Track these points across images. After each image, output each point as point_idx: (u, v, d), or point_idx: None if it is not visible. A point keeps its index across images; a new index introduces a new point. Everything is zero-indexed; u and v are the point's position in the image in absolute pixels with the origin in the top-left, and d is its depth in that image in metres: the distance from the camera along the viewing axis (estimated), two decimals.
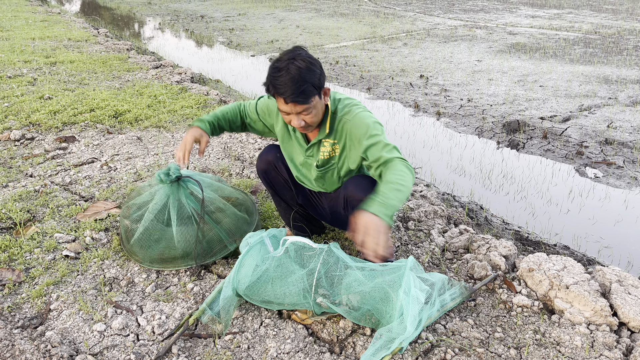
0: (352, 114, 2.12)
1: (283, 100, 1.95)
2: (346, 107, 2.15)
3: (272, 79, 1.94)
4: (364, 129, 2.07)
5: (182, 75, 6.60)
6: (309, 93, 1.94)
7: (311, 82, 1.93)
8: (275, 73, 1.93)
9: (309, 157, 2.27)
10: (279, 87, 1.92)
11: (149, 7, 17.07)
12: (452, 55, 8.71)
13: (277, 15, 14.13)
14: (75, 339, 1.99)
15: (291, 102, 1.94)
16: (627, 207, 3.60)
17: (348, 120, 2.11)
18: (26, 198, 3.12)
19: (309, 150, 2.26)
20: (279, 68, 1.93)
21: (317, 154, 2.25)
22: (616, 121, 5.14)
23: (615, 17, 13.41)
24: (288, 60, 1.93)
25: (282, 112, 2.03)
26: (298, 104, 1.94)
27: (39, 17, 12.41)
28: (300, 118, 2.01)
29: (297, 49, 2.00)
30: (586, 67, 7.62)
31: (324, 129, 2.17)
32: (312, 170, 2.30)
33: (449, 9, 15.53)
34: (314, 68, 1.95)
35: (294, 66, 1.91)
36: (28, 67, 6.72)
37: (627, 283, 2.22)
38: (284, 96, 1.92)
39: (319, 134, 2.19)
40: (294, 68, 1.90)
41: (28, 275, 2.37)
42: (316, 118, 2.05)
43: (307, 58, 1.95)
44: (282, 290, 2.02)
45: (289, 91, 1.90)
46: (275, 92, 1.95)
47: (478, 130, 5.10)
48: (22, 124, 4.43)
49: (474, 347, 1.96)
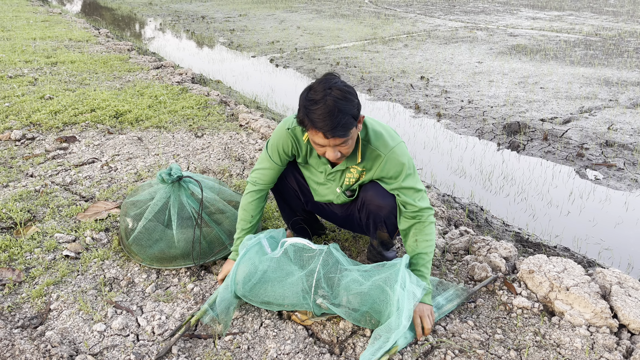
0: (387, 148, 2.03)
1: (322, 135, 1.82)
2: (380, 138, 2.05)
3: (308, 111, 1.80)
4: (399, 167, 2.02)
5: (183, 76, 6.61)
6: (348, 125, 1.81)
7: (350, 113, 1.81)
8: (312, 106, 1.79)
9: (330, 180, 2.21)
10: (317, 121, 1.78)
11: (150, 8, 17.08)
12: (453, 56, 8.72)
13: (278, 16, 14.14)
14: (75, 339, 1.99)
15: (332, 137, 1.81)
16: (627, 209, 3.60)
17: (383, 153, 2.03)
18: (27, 198, 3.12)
19: (331, 175, 2.19)
20: (315, 100, 1.79)
21: (340, 179, 2.18)
22: (617, 123, 5.14)
23: (616, 19, 13.41)
24: (324, 91, 1.79)
25: (316, 144, 1.90)
26: (338, 137, 1.82)
27: (40, 17, 12.43)
28: (336, 150, 1.90)
29: (330, 78, 1.86)
30: (587, 69, 7.62)
31: (354, 157, 2.07)
32: (335, 194, 2.24)
33: (450, 11, 15.54)
34: (351, 98, 1.83)
35: (331, 98, 1.77)
36: (29, 67, 6.73)
37: (627, 285, 2.22)
38: (323, 131, 1.79)
39: (346, 161, 2.10)
40: (330, 100, 1.77)
41: (28, 275, 2.37)
42: (351, 149, 1.96)
43: (343, 87, 1.82)
44: (281, 291, 2.02)
45: (328, 126, 1.77)
46: (313, 126, 1.81)
47: (478, 132, 5.11)
48: (22, 124, 4.44)
49: (474, 349, 1.96)
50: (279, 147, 2.18)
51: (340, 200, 2.26)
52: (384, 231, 2.22)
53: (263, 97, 6.43)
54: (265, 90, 6.80)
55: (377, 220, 2.17)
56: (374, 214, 2.16)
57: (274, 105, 6.15)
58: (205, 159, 3.83)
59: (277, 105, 6.13)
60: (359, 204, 2.23)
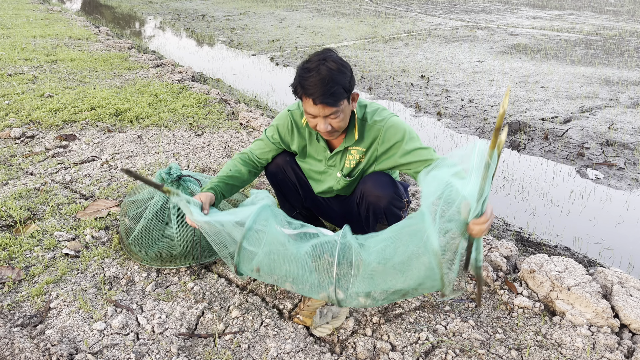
0: (385, 120, 2.08)
1: (312, 102, 1.89)
2: (376, 113, 2.11)
3: (302, 79, 1.89)
4: (400, 133, 2.05)
5: (183, 74, 6.60)
6: (339, 95, 1.88)
7: (341, 84, 1.88)
8: (305, 73, 1.88)
9: (331, 166, 2.23)
10: (308, 87, 1.87)
11: (150, 6, 17.06)
12: (453, 55, 8.71)
13: (278, 15, 14.12)
14: (75, 337, 1.98)
15: (320, 104, 1.88)
16: (628, 209, 3.59)
17: (382, 126, 2.07)
18: (26, 196, 3.12)
19: (332, 160, 2.21)
20: (309, 69, 1.88)
21: (340, 162, 2.20)
22: (617, 122, 5.14)
23: (617, 18, 13.40)
24: (318, 61, 1.89)
25: (309, 114, 1.97)
26: (327, 105, 1.89)
27: (40, 15, 12.41)
28: (327, 122, 1.96)
29: (327, 51, 1.95)
30: (587, 69, 7.61)
31: (351, 135, 2.11)
32: (335, 179, 2.26)
33: (451, 10, 15.53)
34: (344, 70, 1.90)
35: (325, 67, 1.86)
36: (29, 65, 6.72)
37: (628, 285, 2.21)
38: (313, 97, 1.87)
39: (344, 141, 2.13)
40: (324, 69, 1.86)
41: (28, 273, 2.36)
42: (343, 123, 2.00)
43: (338, 60, 1.91)
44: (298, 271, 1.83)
45: (319, 92, 1.85)
46: (304, 92, 1.89)
47: (479, 131, 5.10)
48: (22, 122, 4.43)
49: (475, 348, 1.96)
50: (278, 125, 2.26)
51: (340, 185, 2.27)
52: (384, 223, 2.21)
53: (263, 96, 6.42)
54: (266, 89, 6.79)
55: (377, 211, 2.16)
56: (374, 205, 2.15)
57: (274, 104, 6.14)
58: (205, 157, 3.82)
59: (278, 104, 6.12)
60: (357, 196, 2.23)
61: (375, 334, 2.03)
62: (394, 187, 2.13)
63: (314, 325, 2.04)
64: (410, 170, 2.09)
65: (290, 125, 2.23)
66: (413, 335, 2.02)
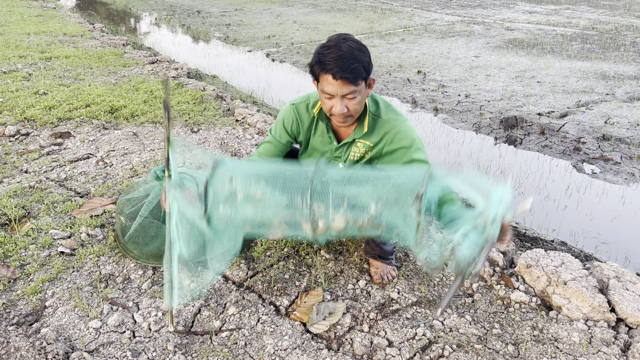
0: (399, 121, 2.07)
1: (331, 76, 1.84)
2: (390, 110, 2.10)
3: (321, 55, 1.86)
4: (409, 140, 2.04)
5: (179, 71, 6.57)
6: (359, 72, 1.85)
7: (362, 62, 1.85)
8: (325, 50, 1.86)
9: (336, 157, 2.21)
10: (328, 62, 1.83)
11: (145, 2, 16.97)
12: (450, 51, 8.69)
13: (274, 11, 14.07)
14: (71, 335, 1.97)
15: (340, 79, 1.83)
16: (624, 203, 3.60)
17: (395, 125, 2.05)
18: (21, 194, 3.10)
19: (338, 151, 2.19)
20: (329, 46, 1.87)
21: (345, 153, 2.18)
22: (613, 117, 5.14)
23: (613, 13, 13.40)
24: (338, 40, 1.88)
25: (326, 94, 1.90)
26: (347, 81, 1.83)
27: (34, 12, 12.33)
28: (343, 103, 1.90)
29: (345, 34, 1.94)
30: (584, 63, 7.61)
31: (361, 127, 2.09)
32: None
33: (447, 5, 15.50)
34: (364, 50, 1.90)
35: (346, 44, 1.85)
36: (23, 62, 6.68)
37: (625, 279, 2.21)
38: (333, 71, 1.82)
39: (354, 133, 2.11)
40: (345, 46, 1.85)
41: (23, 271, 2.35)
42: (359, 106, 1.95)
43: (357, 41, 1.91)
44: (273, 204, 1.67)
45: (339, 66, 1.81)
46: (323, 68, 1.85)
47: (476, 126, 5.10)
48: (17, 120, 4.40)
49: (472, 344, 1.96)
50: (283, 121, 2.23)
51: None
52: None
53: (259, 92, 6.40)
54: (262, 85, 6.76)
55: None
56: None
57: (270, 100, 6.12)
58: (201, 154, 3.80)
59: (274, 100, 6.10)
60: None
61: (372, 330, 2.03)
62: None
63: (310, 322, 2.04)
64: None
65: (295, 118, 2.21)
66: (410, 331, 2.02)
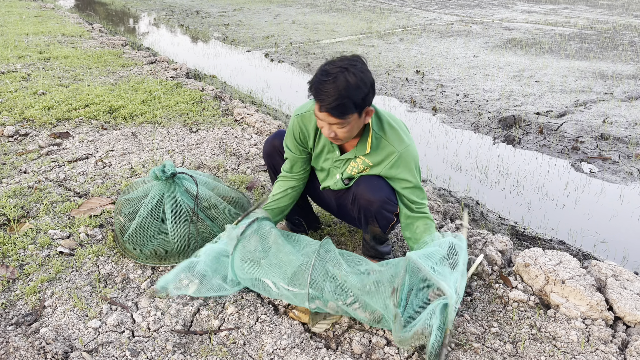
0: (402, 145, 2.08)
1: (319, 107, 1.88)
2: (394, 132, 2.09)
3: (318, 82, 1.86)
4: (411, 165, 2.09)
5: (178, 71, 6.57)
6: (347, 110, 1.85)
7: (354, 99, 1.84)
8: (323, 77, 1.84)
9: (336, 167, 2.24)
10: (320, 92, 1.84)
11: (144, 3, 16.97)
12: (448, 50, 8.70)
13: (273, 11, 14.07)
14: (70, 335, 1.97)
15: (326, 112, 1.87)
16: (622, 202, 3.61)
17: (397, 150, 2.07)
18: (20, 194, 3.10)
19: (338, 162, 2.21)
20: (329, 73, 1.84)
21: (344, 166, 2.20)
22: (612, 116, 5.15)
23: (611, 12, 13.42)
24: (340, 69, 1.84)
25: (317, 117, 1.96)
26: (332, 116, 1.87)
27: (33, 13, 12.32)
28: (331, 129, 1.95)
29: (354, 59, 1.90)
30: (582, 63, 7.62)
31: (363, 146, 2.10)
32: (334, 180, 2.26)
33: (445, 4, 15.51)
34: (362, 86, 1.85)
35: (343, 77, 1.82)
36: (22, 62, 6.67)
37: (622, 277, 2.22)
38: (321, 104, 1.86)
39: (355, 149, 2.13)
40: (342, 79, 1.82)
41: (22, 272, 2.36)
42: (348, 134, 1.98)
43: (359, 73, 1.85)
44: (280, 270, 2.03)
45: (327, 100, 1.83)
46: (315, 95, 1.87)
47: (474, 126, 5.10)
48: (15, 120, 4.40)
49: (470, 342, 1.96)
50: (292, 134, 2.26)
51: (337, 186, 2.28)
52: (376, 226, 2.21)
53: (258, 92, 6.40)
54: (261, 85, 6.77)
55: (368, 214, 2.17)
56: (365, 209, 2.15)
57: (269, 100, 6.13)
58: (200, 154, 3.81)
59: (272, 100, 6.11)
60: (351, 197, 2.23)
61: (370, 329, 2.03)
62: (387, 190, 2.12)
63: (312, 322, 2.04)
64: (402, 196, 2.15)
65: (300, 128, 2.22)
66: None
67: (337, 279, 1.96)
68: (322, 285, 1.95)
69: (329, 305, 1.96)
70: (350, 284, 1.93)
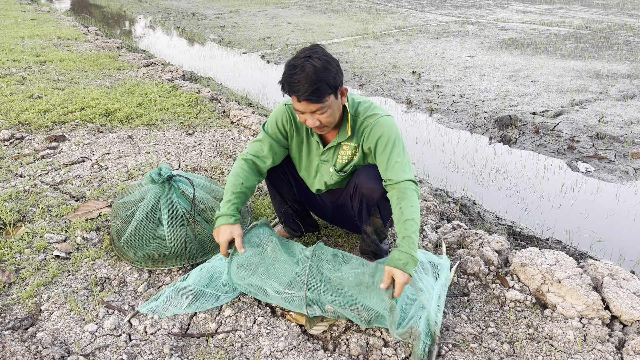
0: (375, 118, 2.09)
1: (297, 99, 1.92)
2: (368, 109, 2.13)
3: (287, 76, 1.92)
4: (385, 136, 2.06)
5: (174, 73, 6.56)
6: (323, 92, 1.91)
7: (326, 80, 1.90)
8: (291, 71, 1.91)
9: (324, 161, 2.24)
10: (293, 85, 1.90)
11: (140, 5, 16.95)
12: (444, 51, 8.72)
13: (269, 12, 14.08)
14: (67, 339, 1.97)
15: (304, 101, 1.91)
16: (618, 201, 3.62)
17: (369, 123, 2.09)
18: (16, 198, 3.09)
19: (325, 154, 2.22)
20: (295, 65, 1.91)
21: (333, 157, 2.22)
22: (607, 115, 5.17)
23: (606, 12, 13.47)
24: (304, 58, 1.91)
25: (297, 111, 2.00)
26: (311, 102, 1.91)
27: (28, 16, 12.30)
28: (314, 117, 1.98)
29: (314, 47, 1.97)
30: (577, 62, 7.65)
31: (344, 131, 2.14)
32: (328, 174, 2.26)
33: (441, 5, 15.54)
34: (329, 67, 1.92)
35: (310, 64, 1.88)
36: (17, 66, 6.66)
37: (618, 277, 2.23)
38: (297, 94, 1.90)
39: (338, 136, 2.16)
40: (309, 66, 1.88)
41: (18, 276, 2.35)
42: (332, 118, 2.02)
43: (323, 57, 1.93)
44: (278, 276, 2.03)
45: (302, 89, 1.88)
46: (290, 90, 1.92)
47: (470, 126, 5.11)
48: (11, 124, 4.39)
49: (468, 343, 1.96)
50: (277, 119, 2.25)
51: (333, 180, 2.27)
52: (377, 217, 2.21)
53: (254, 94, 6.40)
54: (257, 87, 6.77)
55: (370, 204, 2.17)
56: (367, 197, 2.16)
57: (265, 101, 6.13)
58: (196, 156, 3.80)
59: (269, 102, 6.11)
60: (351, 190, 2.23)
61: (367, 330, 2.03)
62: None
63: (310, 324, 2.04)
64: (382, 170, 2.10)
65: (288, 118, 2.23)
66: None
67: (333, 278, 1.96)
68: (319, 287, 1.95)
69: (326, 308, 1.96)
70: (346, 282, 1.94)
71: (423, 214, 2.99)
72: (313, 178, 2.35)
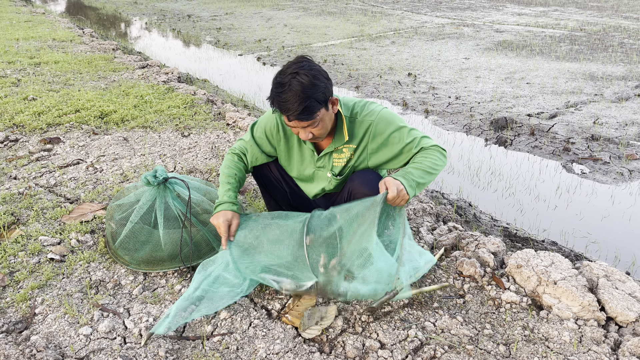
0: (374, 114, 2.10)
1: (287, 118, 1.91)
2: (364, 108, 2.12)
3: (275, 95, 1.90)
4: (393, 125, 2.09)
5: (169, 75, 6.55)
6: (313, 108, 1.89)
7: (315, 97, 1.88)
8: (278, 89, 1.89)
9: (320, 167, 2.24)
10: (282, 104, 1.88)
11: (135, 7, 16.92)
12: (440, 53, 8.74)
13: (265, 14, 14.08)
14: (61, 343, 1.95)
15: (295, 120, 1.90)
16: (613, 203, 3.63)
17: (372, 120, 2.09)
18: (10, 201, 3.07)
19: (320, 161, 2.22)
20: (282, 83, 1.88)
21: (329, 163, 2.21)
22: (602, 117, 5.19)
23: (601, 14, 13.54)
24: (290, 75, 1.88)
25: (289, 125, 1.99)
26: (302, 120, 1.90)
27: (23, 18, 12.25)
28: (307, 131, 1.98)
29: (300, 61, 1.94)
30: (572, 64, 7.68)
31: (340, 136, 2.13)
32: (326, 180, 2.26)
33: (437, 7, 15.59)
34: (317, 82, 1.89)
35: (297, 81, 1.85)
36: (12, 67, 6.63)
37: (614, 278, 2.23)
38: (287, 114, 1.89)
39: (334, 142, 2.15)
40: (296, 84, 1.85)
41: (12, 279, 2.33)
42: (324, 130, 2.02)
43: (310, 72, 1.89)
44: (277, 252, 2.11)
45: (292, 109, 1.86)
46: (279, 109, 1.91)
47: (466, 128, 5.12)
48: (5, 126, 4.37)
49: (464, 344, 1.96)
50: (265, 127, 2.25)
51: (332, 185, 2.27)
52: None
53: (250, 96, 6.40)
54: (253, 89, 6.76)
55: None
56: None
57: (261, 103, 6.12)
58: (192, 158, 3.79)
59: (265, 104, 6.10)
60: (345, 194, 2.23)
61: (364, 332, 2.03)
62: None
63: (302, 327, 2.04)
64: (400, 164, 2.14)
65: (276, 126, 2.22)
66: (402, 333, 2.02)
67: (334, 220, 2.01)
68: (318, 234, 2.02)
69: (331, 264, 2.00)
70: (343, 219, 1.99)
71: (419, 216, 2.99)
72: (309, 185, 2.34)
